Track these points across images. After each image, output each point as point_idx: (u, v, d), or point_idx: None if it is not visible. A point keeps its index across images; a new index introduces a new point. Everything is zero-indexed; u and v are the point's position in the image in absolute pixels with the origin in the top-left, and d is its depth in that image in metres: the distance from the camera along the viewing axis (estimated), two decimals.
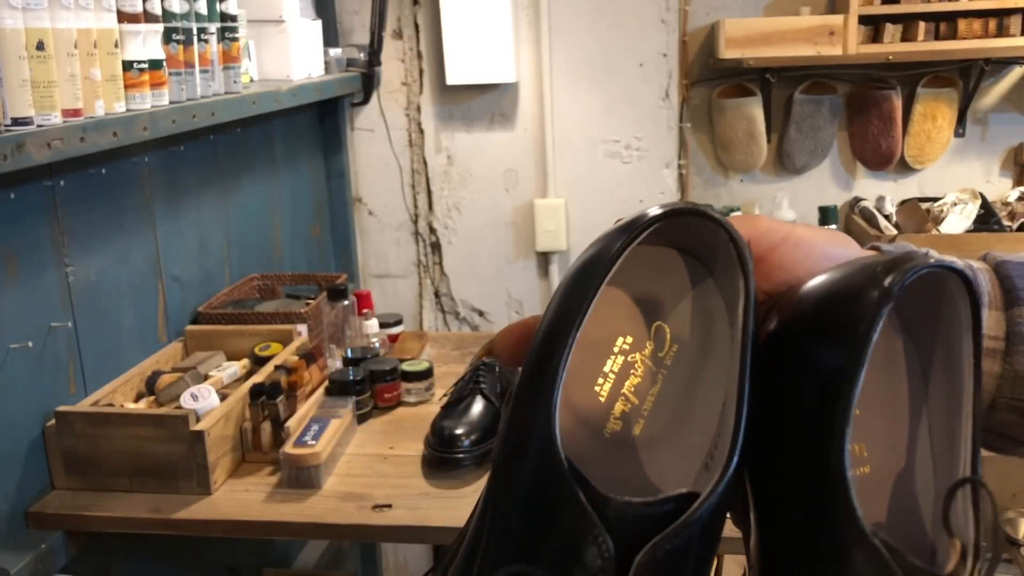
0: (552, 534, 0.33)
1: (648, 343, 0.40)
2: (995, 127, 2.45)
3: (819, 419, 0.33)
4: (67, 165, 1.39)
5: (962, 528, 0.34)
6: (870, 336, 0.32)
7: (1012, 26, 2.23)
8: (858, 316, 0.33)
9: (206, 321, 1.78)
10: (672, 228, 0.37)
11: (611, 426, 0.39)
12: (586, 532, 0.32)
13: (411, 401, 1.72)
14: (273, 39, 2.03)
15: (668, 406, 0.39)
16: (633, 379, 0.39)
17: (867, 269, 0.34)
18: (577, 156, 2.53)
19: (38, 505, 1.37)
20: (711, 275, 0.40)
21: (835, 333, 0.34)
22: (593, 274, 0.36)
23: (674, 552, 0.32)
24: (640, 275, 0.40)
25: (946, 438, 0.36)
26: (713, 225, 0.36)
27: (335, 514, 1.36)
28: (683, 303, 0.40)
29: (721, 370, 0.37)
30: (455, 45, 2.41)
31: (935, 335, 0.37)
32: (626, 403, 0.39)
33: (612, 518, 0.32)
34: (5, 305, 1.31)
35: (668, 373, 0.39)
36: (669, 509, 0.32)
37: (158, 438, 1.38)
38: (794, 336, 0.36)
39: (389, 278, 2.70)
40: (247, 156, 2.06)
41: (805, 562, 0.33)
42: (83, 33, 1.27)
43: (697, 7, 2.44)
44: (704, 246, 0.38)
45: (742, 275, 0.35)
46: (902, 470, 0.37)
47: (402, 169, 2.61)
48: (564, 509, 0.32)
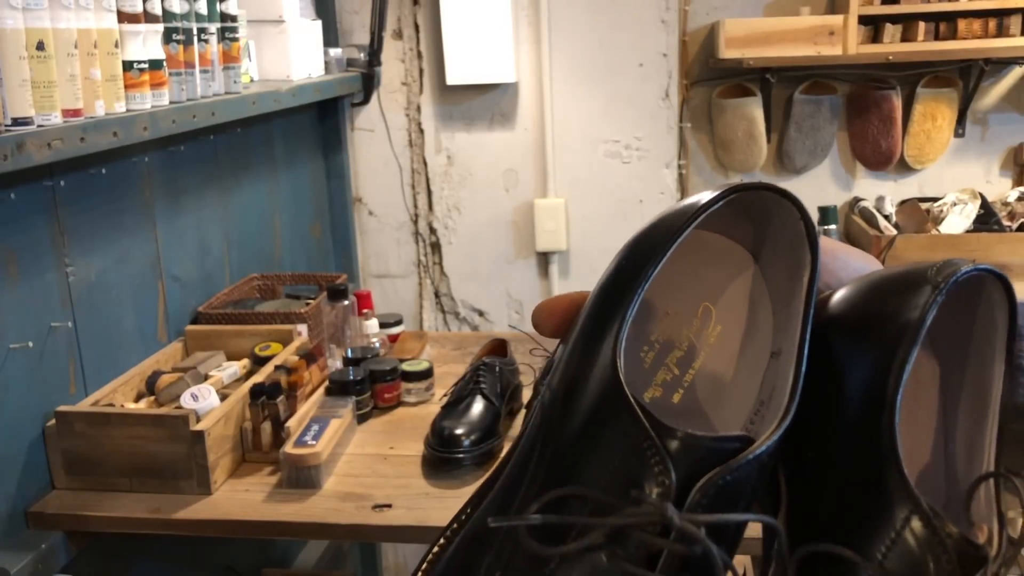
0: (611, 459, 0.34)
1: (695, 320, 0.42)
2: (995, 127, 2.45)
3: (874, 392, 0.35)
4: (67, 165, 1.39)
5: (984, 517, 0.36)
6: (924, 320, 0.35)
7: (1012, 26, 2.23)
8: (913, 305, 0.36)
9: (206, 321, 1.78)
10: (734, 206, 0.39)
11: (651, 392, 0.41)
12: (649, 456, 0.33)
13: (411, 401, 1.72)
14: (273, 39, 2.03)
15: (708, 381, 0.41)
16: (677, 352, 0.42)
17: (919, 269, 0.38)
18: (577, 156, 2.53)
19: (38, 505, 1.37)
20: (756, 263, 0.43)
21: (889, 321, 0.36)
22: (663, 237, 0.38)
23: (731, 485, 0.33)
24: (693, 256, 0.42)
25: (968, 438, 0.39)
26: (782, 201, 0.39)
27: (335, 514, 1.36)
28: (730, 288, 0.43)
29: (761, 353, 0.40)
30: (455, 45, 2.41)
31: (968, 339, 0.40)
32: (668, 372, 0.41)
33: (673, 448, 0.34)
34: (5, 305, 1.31)
35: (710, 351, 0.42)
36: (728, 447, 0.34)
37: (158, 438, 1.38)
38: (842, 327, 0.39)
39: (389, 278, 2.70)
40: (247, 156, 2.06)
41: (847, 523, 0.35)
42: (83, 33, 1.27)
43: (697, 7, 2.44)
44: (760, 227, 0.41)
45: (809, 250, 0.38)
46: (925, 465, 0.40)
47: (402, 169, 2.61)
48: (627, 437, 0.34)
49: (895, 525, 0.33)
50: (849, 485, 0.36)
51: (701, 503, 0.33)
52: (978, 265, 0.37)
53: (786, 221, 0.39)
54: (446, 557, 0.38)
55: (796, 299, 0.38)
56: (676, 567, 0.33)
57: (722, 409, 0.40)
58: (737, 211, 0.40)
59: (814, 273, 0.37)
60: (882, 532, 0.34)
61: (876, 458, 0.34)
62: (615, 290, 0.38)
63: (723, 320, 0.42)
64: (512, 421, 1.63)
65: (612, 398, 0.35)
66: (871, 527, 0.34)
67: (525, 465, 0.37)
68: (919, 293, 0.36)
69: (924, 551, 0.33)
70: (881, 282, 0.39)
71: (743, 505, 0.34)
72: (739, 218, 0.41)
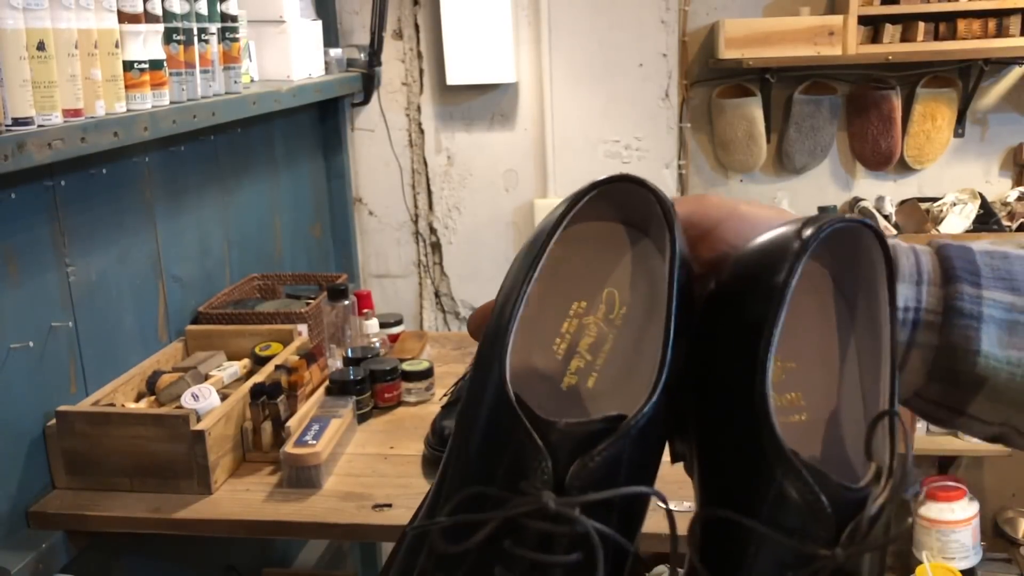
0: (503, 457, 0.37)
1: (600, 306, 0.44)
2: (994, 127, 2.45)
3: (747, 355, 0.37)
4: (67, 165, 1.39)
5: (880, 454, 0.38)
6: (789, 282, 0.37)
7: (1012, 26, 2.23)
8: (779, 265, 0.37)
9: (206, 321, 1.78)
10: (610, 198, 0.42)
11: (568, 380, 0.43)
12: (531, 451, 0.36)
13: (411, 401, 1.73)
14: (273, 39, 2.04)
15: (618, 361, 0.43)
16: (587, 339, 0.44)
17: (789, 227, 0.39)
18: (577, 156, 2.53)
19: (39, 505, 1.38)
20: (651, 240, 0.44)
21: (762, 280, 0.38)
22: (539, 240, 0.41)
23: (604, 464, 0.36)
24: (591, 247, 0.45)
25: (871, 379, 0.40)
26: (641, 189, 0.40)
27: (335, 514, 1.36)
28: (630, 269, 0.45)
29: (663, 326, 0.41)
30: (455, 45, 2.41)
31: (857, 284, 0.41)
32: (581, 360, 0.43)
33: (553, 440, 0.36)
34: (6, 305, 1.31)
35: (618, 332, 0.44)
36: (602, 428, 0.36)
37: (158, 438, 1.38)
38: (727, 291, 0.41)
39: (389, 278, 2.70)
40: (247, 156, 2.06)
41: (738, 481, 0.37)
42: (84, 33, 1.27)
43: (697, 7, 2.44)
44: (641, 213, 0.43)
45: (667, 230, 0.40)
46: (834, 414, 0.41)
47: (402, 169, 2.61)
48: (512, 434, 0.37)
49: (774, 483, 0.35)
50: (734, 446, 0.38)
51: (575, 485, 0.35)
52: (848, 217, 0.38)
53: (652, 206, 0.41)
54: (396, 563, 0.42)
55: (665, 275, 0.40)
56: (565, 547, 0.35)
57: (635, 384, 0.41)
58: (616, 198, 0.42)
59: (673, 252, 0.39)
60: (764, 491, 0.35)
61: (752, 419, 0.36)
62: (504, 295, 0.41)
63: (626, 300, 0.44)
64: None
65: (500, 400, 0.37)
66: (756, 486, 0.36)
67: (444, 472, 0.41)
68: (788, 252, 0.37)
69: (803, 505, 0.35)
70: (763, 243, 0.40)
71: (624, 477, 0.36)
72: (620, 204, 0.43)
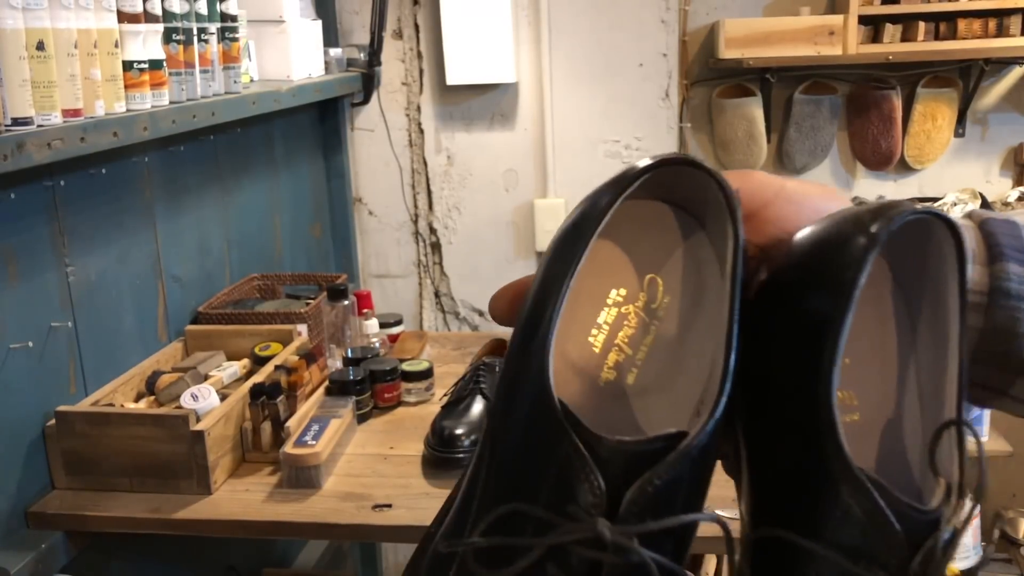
0: (546, 473, 0.33)
1: (641, 295, 0.40)
2: (995, 127, 2.45)
3: (808, 362, 0.34)
4: (67, 165, 1.39)
5: (947, 468, 0.34)
6: (857, 281, 0.33)
7: (1012, 26, 2.23)
8: (845, 262, 0.33)
9: (206, 321, 1.78)
10: (662, 180, 0.38)
11: (605, 375, 0.40)
12: (578, 470, 0.33)
13: (411, 401, 1.72)
14: (273, 39, 2.03)
15: (661, 356, 0.40)
16: (627, 330, 0.40)
17: (854, 217, 0.35)
18: (577, 156, 2.53)
19: (38, 505, 1.38)
20: (703, 227, 0.40)
21: (823, 280, 0.34)
22: (585, 226, 0.37)
23: (664, 488, 0.32)
24: (633, 229, 0.40)
25: (933, 383, 0.37)
26: (702, 174, 0.37)
27: (335, 514, 1.36)
28: (675, 255, 0.41)
29: (713, 320, 0.38)
30: (455, 45, 2.41)
31: (923, 282, 0.38)
32: (619, 353, 0.40)
33: (604, 457, 0.33)
34: (5, 305, 1.31)
35: (661, 324, 0.40)
36: (659, 448, 0.33)
37: (158, 438, 1.38)
38: (783, 285, 0.37)
39: (389, 278, 2.70)
40: (247, 156, 2.06)
41: (796, 501, 0.34)
42: (83, 33, 1.27)
43: (697, 7, 2.44)
44: (694, 197, 0.39)
45: (731, 222, 0.36)
46: (891, 416, 0.38)
47: (402, 169, 2.61)
48: (557, 449, 0.33)
49: (839, 502, 0.32)
50: (795, 460, 0.34)
51: (633, 511, 0.32)
52: (919, 208, 0.34)
53: (709, 191, 0.37)
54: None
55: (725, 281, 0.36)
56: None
57: (678, 383, 0.38)
58: (668, 181, 0.38)
59: (736, 247, 0.36)
60: (829, 509, 0.33)
61: (814, 432, 0.33)
62: (543, 289, 0.37)
63: (671, 290, 0.40)
64: None
65: (542, 411, 0.34)
66: (817, 505, 0.33)
67: (476, 478, 0.37)
68: (854, 246, 0.34)
69: (870, 525, 0.32)
70: (822, 233, 0.36)
71: (682, 502, 0.33)
72: (673, 186, 0.39)
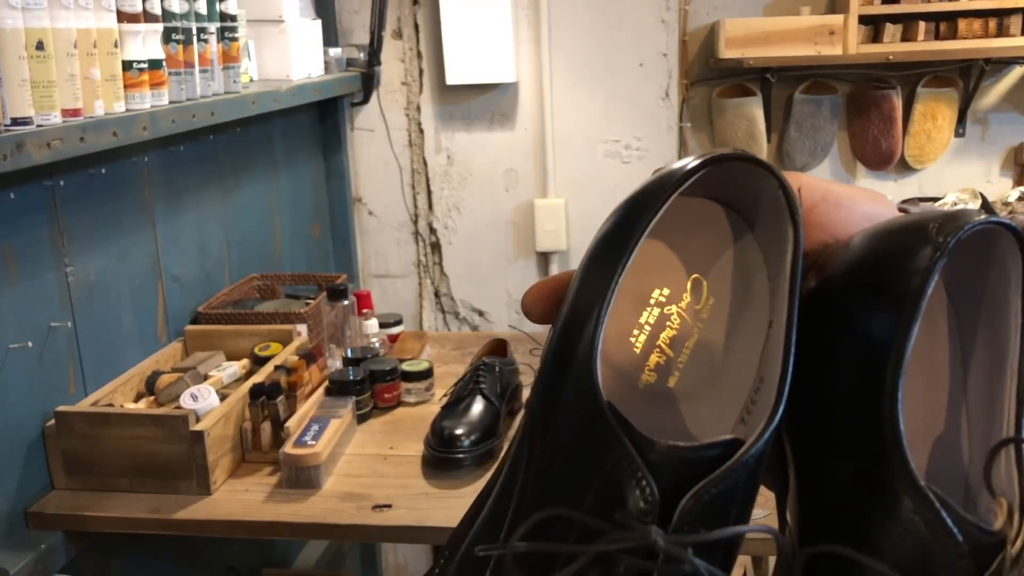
0: (592, 477, 0.32)
1: (685, 295, 0.39)
2: (995, 127, 2.45)
3: (870, 374, 0.32)
4: (67, 165, 1.39)
5: (1005, 487, 0.33)
6: (924, 292, 0.32)
7: (1012, 26, 2.23)
8: (911, 272, 0.32)
9: (206, 321, 1.78)
10: (715, 177, 0.36)
11: (645, 378, 0.38)
12: (629, 475, 0.31)
13: (411, 401, 1.72)
14: (273, 39, 2.03)
15: (704, 359, 0.39)
16: (669, 331, 0.39)
17: (919, 225, 0.34)
18: (577, 156, 2.53)
19: (38, 505, 1.37)
20: (751, 229, 0.39)
21: (886, 289, 0.33)
22: (636, 221, 0.35)
23: (720, 497, 0.31)
24: (679, 227, 0.39)
25: (986, 399, 0.36)
26: (763, 172, 0.35)
27: (335, 514, 1.36)
28: (722, 257, 0.39)
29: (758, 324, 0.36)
30: (455, 45, 2.41)
31: (981, 294, 0.36)
32: (661, 355, 0.39)
33: (655, 462, 0.31)
34: (5, 305, 1.31)
35: (704, 326, 0.39)
36: (714, 454, 0.32)
37: (158, 438, 1.38)
38: (838, 293, 0.35)
39: (389, 278, 2.70)
40: (247, 156, 2.06)
41: (853, 514, 0.33)
42: (83, 33, 1.27)
43: (697, 7, 2.43)
44: (748, 196, 0.38)
45: (791, 223, 0.35)
46: (940, 433, 0.37)
47: (402, 169, 2.61)
48: (606, 452, 0.32)
49: (901, 519, 0.31)
50: (851, 474, 0.33)
51: (688, 520, 0.31)
52: (986, 218, 0.33)
53: (767, 191, 0.36)
54: None
55: (782, 270, 0.35)
56: None
57: (721, 388, 0.37)
58: (719, 179, 0.37)
59: (797, 248, 0.34)
60: (888, 526, 0.31)
61: (878, 446, 0.32)
62: (589, 285, 0.35)
63: (716, 291, 0.39)
64: (512, 421, 1.62)
65: (589, 411, 0.33)
66: (877, 520, 0.32)
67: (513, 480, 0.36)
68: (919, 256, 0.32)
69: (934, 545, 0.31)
70: (880, 241, 0.35)
71: (735, 512, 0.32)
72: (724, 185, 0.38)
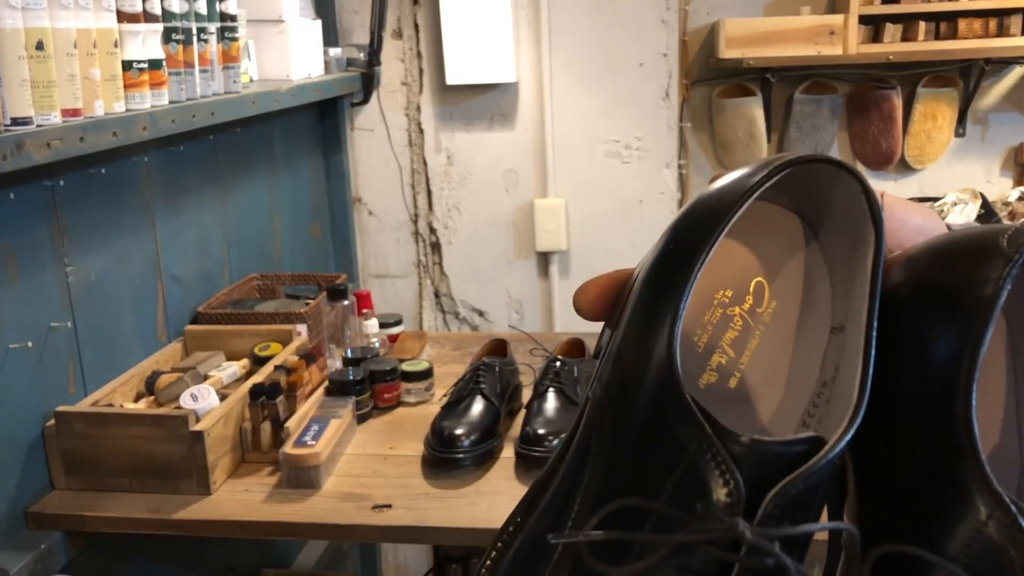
0: (672, 468, 0.32)
1: (748, 298, 0.40)
2: (995, 127, 2.45)
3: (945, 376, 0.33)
4: (67, 165, 1.39)
5: None
6: (998, 298, 0.32)
7: (1012, 26, 2.23)
8: (984, 279, 0.33)
9: (206, 321, 1.78)
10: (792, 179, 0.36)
11: (707, 377, 0.39)
12: (713, 466, 0.31)
13: (411, 401, 1.72)
14: (273, 39, 2.03)
15: (765, 362, 0.39)
16: (731, 332, 0.39)
17: (989, 236, 0.34)
18: (577, 156, 2.53)
19: (38, 505, 1.37)
20: (816, 236, 0.39)
21: (959, 297, 0.33)
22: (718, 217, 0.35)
23: (805, 493, 0.31)
24: (747, 229, 0.39)
25: None
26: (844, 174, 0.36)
27: (335, 514, 1.36)
28: (785, 261, 0.40)
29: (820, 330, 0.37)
30: (455, 45, 2.41)
31: None
32: (723, 355, 0.39)
33: (739, 454, 0.31)
34: (5, 305, 1.31)
35: (766, 330, 0.39)
36: (798, 451, 0.32)
37: (158, 438, 1.38)
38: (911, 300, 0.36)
39: (389, 278, 2.70)
40: (247, 156, 2.06)
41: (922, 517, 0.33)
42: (83, 33, 1.26)
43: (697, 7, 2.43)
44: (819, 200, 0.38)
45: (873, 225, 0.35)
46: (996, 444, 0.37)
47: (402, 169, 2.61)
48: (688, 443, 0.32)
49: (975, 522, 0.31)
50: (921, 477, 0.33)
51: (774, 514, 0.31)
52: None
53: (845, 194, 0.36)
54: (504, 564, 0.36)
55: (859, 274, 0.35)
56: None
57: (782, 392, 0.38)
58: (793, 182, 0.37)
59: (879, 252, 0.35)
60: (961, 529, 0.31)
61: (950, 448, 0.32)
62: (665, 279, 0.36)
63: (778, 295, 0.39)
64: (512, 421, 1.62)
65: (669, 401, 0.33)
66: (948, 523, 0.32)
67: (580, 470, 0.35)
68: (991, 265, 0.33)
69: (1008, 548, 0.30)
70: (948, 251, 0.36)
71: (816, 510, 0.32)
72: (795, 188, 0.38)
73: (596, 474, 0.34)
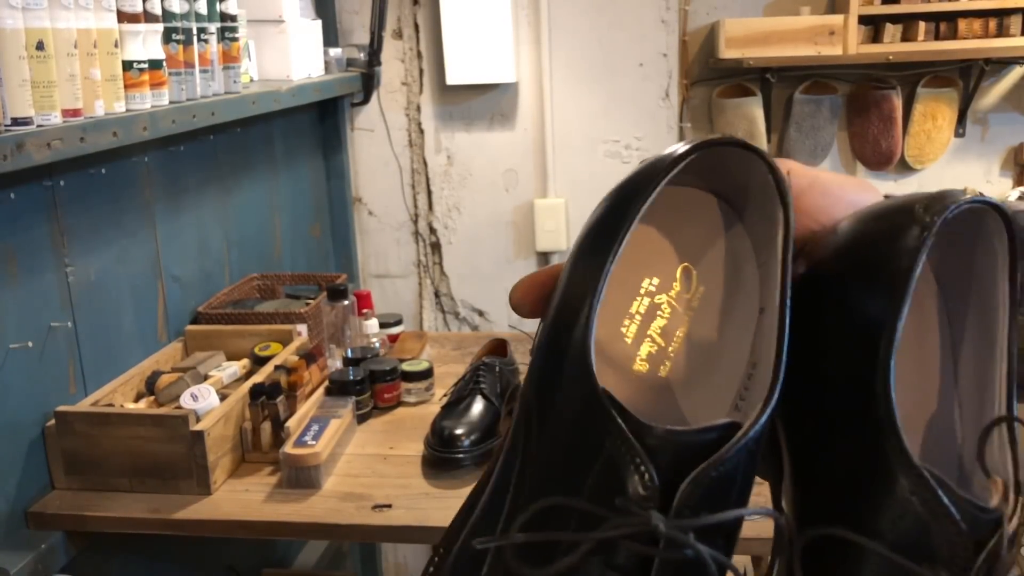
0: (591, 464, 0.32)
1: (675, 284, 0.39)
2: (995, 127, 2.45)
3: (863, 355, 0.32)
4: (67, 165, 1.39)
5: (999, 467, 0.33)
6: (913, 271, 0.32)
7: (1012, 26, 2.23)
8: (900, 251, 0.32)
9: (206, 321, 1.78)
10: (706, 163, 0.36)
11: (637, 368, 0.38)
12: (628, 460, 0.31)
13: (411, 401, 1.72)
14: (273, 39, 2.03)
15: (695, 348, 0.39)
16: (659, 321, 0.39)
17: (905, 207, 0.34)
18: (577, 156, 2.53)
19: (38, 505, 1.37)
20: (740, 218, 0.39)
21: (875, 271, 0.33)
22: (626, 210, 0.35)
23: (719, 480, 0.31)
24: (668, 216, 0.39)
25: (977, 379, 0.36)
26: (751, 156, 0.35)
27: (335, 514, 1.36)
28: (711, 245, 0.40)
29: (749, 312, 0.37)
30: (455, 45, 2.41)
31: (969, 275, 0.36)
32: (652, 344, 0.39)
33: (653, 447, 0.31)
34: (5, 305, 1.31)
35: (695, 315, 0.39)
36: (713, 438, 0.31)
37: (158, 438, 1.38)
38: (828, 277, 0.36)
39: (389, 278, 2.70)
40: (247, 156, 2.06)
41: (850, 498, 0.33)
42: (83, 33, 1.27)
43: (697, 7, 2.44)
44: (737, 183, 0.38)
45: (781, 208, 0.35)
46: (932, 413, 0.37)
47: (402, 169, 2.61)
48: (603, 438, 0.32)
49: (898, 498, 0.31)
50: (847, 455, 0.33)
51: (689, 504, 0.31)
52: (972, 197, 0.33)
53: (758, 175, 0.36)
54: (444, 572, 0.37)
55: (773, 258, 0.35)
56: (670, 573, 0.31)
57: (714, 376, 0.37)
58: (709, 166, 0.37)
59: (788, 232, 0.34)
60: (886, 506, 0.31)
61: (873, 426, 0.32)
62: (580, 272, 0.35)
63: (705, 280, 0.39)
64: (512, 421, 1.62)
65: (585, 397, 0.32)
66: (874, 501, 0.32)
67: (509, 471, 0.35)
68: (908, 235, 0.33)
69: (931, 523, 0.31)
70: (867, 223, 0.35)
71: (735, 496, 0.32)
72: (712, 172, 0.38)
73: (524, 476, 0.34)
